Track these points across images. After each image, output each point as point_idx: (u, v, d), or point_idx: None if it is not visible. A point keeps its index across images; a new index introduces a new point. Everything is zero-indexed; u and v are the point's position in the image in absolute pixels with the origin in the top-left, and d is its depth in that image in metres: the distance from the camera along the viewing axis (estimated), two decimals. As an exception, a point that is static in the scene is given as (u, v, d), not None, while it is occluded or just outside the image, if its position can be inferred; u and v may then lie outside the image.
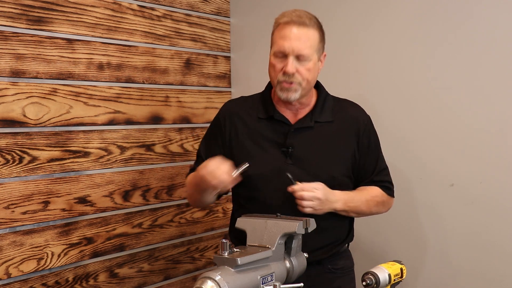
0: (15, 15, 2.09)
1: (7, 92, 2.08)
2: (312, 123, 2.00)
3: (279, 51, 1.90)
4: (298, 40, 1.88)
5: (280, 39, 1.90)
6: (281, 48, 1.89)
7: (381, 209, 2.10)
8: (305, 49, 1.88)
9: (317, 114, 2.01)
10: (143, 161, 2.58)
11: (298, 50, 1.88)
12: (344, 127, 2.02)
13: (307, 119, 2.00)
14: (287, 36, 1.88)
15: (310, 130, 2.00)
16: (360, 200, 2.01)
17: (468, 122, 2.37)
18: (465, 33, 2.37)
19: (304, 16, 1.91)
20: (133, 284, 2.56)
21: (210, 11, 2.88)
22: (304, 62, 1.90)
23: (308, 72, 1.92)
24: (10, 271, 2.11)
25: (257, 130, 2.01)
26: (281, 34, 1.90)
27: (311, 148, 1.98)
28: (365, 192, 2.04)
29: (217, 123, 2.09)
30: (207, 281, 1.50)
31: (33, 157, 2.17)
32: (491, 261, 2.35)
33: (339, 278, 2.05)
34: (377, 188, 2.07)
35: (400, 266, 1.71)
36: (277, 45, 1.91)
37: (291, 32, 1.88)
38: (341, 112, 2.05)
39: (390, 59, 2.55)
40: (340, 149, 2.01)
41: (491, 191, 2.33)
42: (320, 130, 2.00)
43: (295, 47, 1.88)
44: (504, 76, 2.29)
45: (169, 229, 2.70)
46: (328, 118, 2.02)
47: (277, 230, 1.71)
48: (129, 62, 2.50)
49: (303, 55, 1.89)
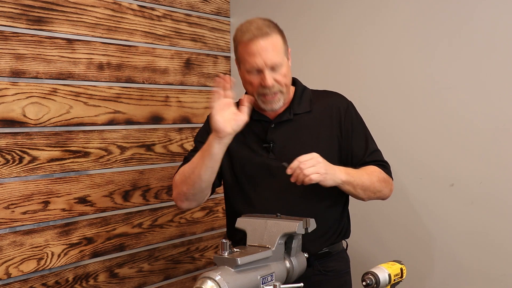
0: (15, 15, 2.09)
1: (7, 92, 2.08)
2: (291, 116, 2.02)
3: (252, 68, 1.93)
4: (267, 52, 1.90)
5: (249, 57, 1.92)
6: (253, 65, 1.91)
7: (384, 187, 2.01)
8: (276, 58, 1.91)
9: (295, 106, 2.04)
10: (143, 161, 2.58)
11: (271, 62, 1.91)
12: (324, 115, 2.03)
13: (285, 113, 2.03)
14: (256, 52, 1.90)
15: (290, 123, 2.02)
16: (360, 172, 1.96)
17: (468, 122, 2.37)
18: (465, 33, 2.37)
19: (262, 25, 1.92)
20: (133, 284, 2.56)
21: (210, 11, 2.88)
22: (278, 70, 1.93)
23: (284, 78, 1.95)
24: (10, 271, 2.11)
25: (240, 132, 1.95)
26: (248, 51, 1.91)
27: (292, 140, 2.01)
28: (362, 168, 1.99)
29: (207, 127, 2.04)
30: (207, 281, 1.50)
31: (33, 157, 2.17)
32: (491, 260, 2.35)
33: (328, 282, 2.01)
34: (373, 166, 2.02)
35: (400, 266, 1.71)
36: (248, 63, 1.92)
37: (258, 47, 1.90)
38: (320, 101, 2.06)
39: (390, 59, 2.55)
40: (322, 138, 2.01)
41: (491, 191, 2.33)
42: (299, 121, 2.02)
43: (267, 59, 1.90)
44: (504, 76, 2.29)
45: (169, 229, 2.70)
46: (307, 109, 2.03)
47: (277, 230, 1.71)
48: (129, 62, 2.50)
49: (276, 64, 1.92)
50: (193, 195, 1.96)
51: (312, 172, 1.80)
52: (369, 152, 2.05)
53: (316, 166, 1.81)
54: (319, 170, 1.82)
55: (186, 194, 1.96)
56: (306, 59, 2.70)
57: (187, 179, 1.94)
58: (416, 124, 2.49)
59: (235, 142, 1.99)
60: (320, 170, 1.82)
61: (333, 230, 2.04)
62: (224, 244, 1.58)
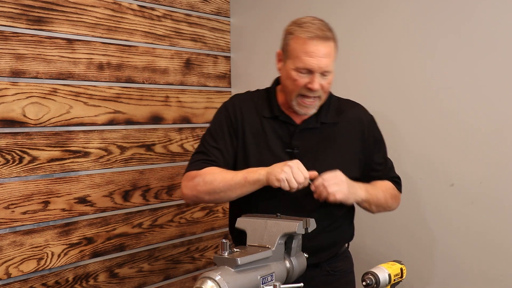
0: (15, 15, 2.09)
1: (7, 92, 2.08)
2: (318, 124, 1.98)
3: (304, 68, 1.85)
4: (325, 57, 1.84)
5: (305, 56, 1.84)
6: (307, 65, 1.84)
7: (394, 203, 2.09)
8: (330, 66, 1.86)
9: (323, 115, 1.98)
10: (143, 161, 2.58)
11: (326, 67, 1.85)
12: (348, 128, 2.01)
13: (312, 120, 1.98)
14: (314, 53, 1.83)
15: (316, 131, 1.98)
16: (377, 190, 2.00)
17: (468, 122, 2.37)
18: (464, 33, 2.37)
19: (324, 28, 1.86)
20: (133, 284, 2.56)
21: (210, 11, 2.88)
22: (326, 77, 1.88)
23: (329, 85, 1.91)
24: (10, 271, 2.11)
25: (261, 129, 1.97)
26: (305, 49, 1.83)
27: (316, 149, 1.96)
28: (378, 184, 2.04)
29: (226, 113, 2.01)
30: (207, 281, 1.50)
31: (33, 157, 2.17)
32: (491, 260, 2.35)
33: (337, 281, 2.03)
34: (388, 181, 2.08)
35: (400, 266, 1.71)
36: (302, 62, 1.84)
37: (317, 49, 1.83)
38: (345, 113, 2.03)
39: (389, 59, 2.55)
40: (345, 151, 1.99)
41: (491, 191, 2.33)
42: (325, 131, 1.98)
43: (323, 65, 1.84)
44: (504, 76, 2.29)
45: (169, 229, 2.70)
46: (334, 119, 2.00)
47: (277, 230, 1.71)
48: (129, 62, 2.50)
49: (328, 71, 1.87)
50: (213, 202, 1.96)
51: (336, 191, 1.82)
52: (388, 168, 2.10)
53: (340, 185, 1.83)
54: (343, 189, 1.83)
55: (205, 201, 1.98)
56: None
57: (215, 193, 1.89)
58: (416, 124, 2.49)
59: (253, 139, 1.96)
60: (343, 189, 1.84)
61: (344, 235, 2.07)
62: (224, 244, 1.58)
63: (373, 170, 2.05)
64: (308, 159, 1.93)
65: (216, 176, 1.89)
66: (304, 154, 1.95)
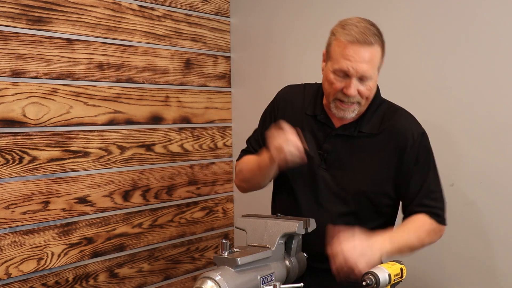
0: (15, 15, 2.09)
1: (7, 92, 2.08)
2: (355, 133, 1.89)
3: (340, 71, 1.79)
4: (363, 62, 1.77)
5: (342, 58, 1.77)
6: (344, 68, 1.78)
7: (433, 238, 1.90)
8: (368, 71, 1.78)
9: (364, 123, 1.89)
10: (143, 161, 2.58)
11: (364, 73, 1.78)
12: (389, 141, 1.88)
13: (351, 127, 1.90)
14: (352, 57, 1.76)
15: (351, 139, 1.89)
16: (406, 233, 1.83)
17: (468, 122, 2.37)
18: (465, 33, 2.37)
19: (368, 32, 1.78)
20: (133, 284, 2.56)
21: (210, 11, 2.88)
22: (365, 82, 1.81)
23: (369, 92, 1.83)
24: (10, 271, 2.11)
25: (301, 125, 1.89)
26: (344, 53, 1.77)
27: (347, 157, 1.89)
28: (409, 224, 1.86)
29: (272, 105, 2.04)
30: (207, 281, 1.50)
31: (33, 157, 2.17)
32: (491, 261, 2.35)
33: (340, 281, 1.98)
34: (421, 215, 1.87)
35: (400, 266, 1.71)
36: (338, 64, 1.78)
37: (355, 54, 1.76)
38: (390, 123, 1.90)
39: (389, 59, 2.54)
40: (379, 164, 1.88)
41: (491, 191, 2.33)
42: (361, 140, 1.89)
43: (359, 69, 1.77)
44: (504, 76, 2.29)
45: (169, 229, 2.70)
46: (373, 130, 1.89)
47: (277, 230, 1.71)
48: (129, 62, 2.50)
49: (367, 77, 1.80)
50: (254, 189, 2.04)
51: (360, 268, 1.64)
52: (425, 192, 1.88)
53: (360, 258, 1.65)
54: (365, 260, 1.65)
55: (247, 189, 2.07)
56: (306, 59, 2.70)
57: (248, 181, 2.01)
58: (416, 124, 2.49)
59: None
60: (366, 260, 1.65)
61: None
62: (224, 244, 1.59)
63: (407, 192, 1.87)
64: (336, 167, 1.89)
65: (244, 166, 2.01)
66: (333, 161, 1.89)
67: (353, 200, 1.89)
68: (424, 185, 1.88)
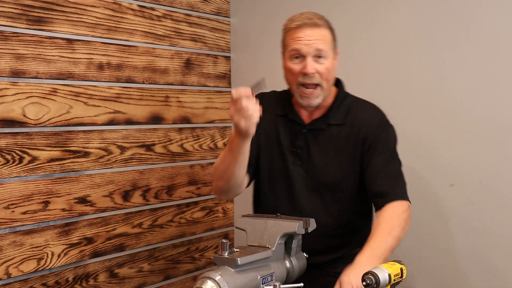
0: (15, 15, 2.09)
1: (7, 92, 2.08)
2: (324, 126, 1.97)
3: (295, 51, 1.88)
4: (314, 40, 1.87)
5: (294, 41, 1.88)
6: (297, 47, 1.87)
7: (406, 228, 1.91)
8: (321, 46, 1.87)
9: (331, 115, 1.97)
10: (143, 161, 2.58)
11: (315, 48, 1.86)
12: (353, 131, 1.96)
13: (320, 121, 1.98)
14: (303, 38, 1.87)
15: (322, 132, 1.97)
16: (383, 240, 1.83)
17: (468, 121, 2.37)
18: (466, 33, 2.37)
19: (314, 17, 1.90)
20: (133, 284, 2.56)
21: (210, 11, 2.88)
22: (322, 61, 1.88)
23: (327, 71, 1.90)
24: (10, 271, 2.11)
25: (274, 126, 2.01)
26: (295, 36, 1.88)
27: (319, 151, 1.96)
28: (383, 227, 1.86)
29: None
30: (207, 281, 1.50)
31: (33, 157, 2.17)
32: (491, 261, 2.35)
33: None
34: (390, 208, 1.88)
35: (400, 266, 1.71)
36: (292, 47, 1.88)
37: (304, 34, 1.87)
38: (354, 114, 1.98)
39: (389, 59, 2.55)
40: (348, 154, 1.95)
41: (491, 191, 2.33)
42: (330, 133, 1.97)
43: (312, 45, 1.86)
44: (504, 75, 2.29)
45: (169, 229, 2.70)
46: (339, 121, 1.97)
47: (277, 230, 1.71)
48: (129, 62, 2.50)
49: (321, 51, 1.86)
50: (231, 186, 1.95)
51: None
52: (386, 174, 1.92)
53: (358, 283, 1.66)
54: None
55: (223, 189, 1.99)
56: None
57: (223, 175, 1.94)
58: (415, 124, 2.49)
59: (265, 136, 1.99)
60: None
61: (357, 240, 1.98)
62: (224, 244, 1.59)
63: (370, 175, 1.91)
64: (309, 162, 1.95)
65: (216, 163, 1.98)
66: (306, 156, 1.96)
67: (328, 192, 1.95)
68: (385, 167, 1.93)
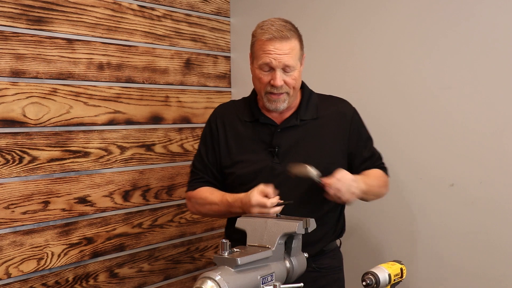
0: (15, 15, 2.09)
1: (7, 92, 2.08)
2: (297, 122, 2.05)
3: (265, 64, 1.95)
4: (283, 54, 1.94)
5: (264, 54, 1.95)
6: (267, 61, 1.95)
7: (385, 190, 2.14)
8: (290, 61, 1.95)
9: (302, 112, 2.06)
10: (143, 161, 2.58)
11: (284, 62, 1.94)
12: (330, 123, 2.07)
13: (292, 119, 2.05)
14: (272, 51, 1.94)
15: (296, 129, 2.05)
16: (371, 179, 2.05)
17: (468, 122, 2.37)
18: (463, 34, 2.36)
19: (283, 29, 1.95)
20: (133, 284, 2.56)
21: (210, 11, 2.88)
22: (290, 73, 1.96)
23: (294, 81, 1.99)
24: (10, 271, 2.11)
25: (243, 132, 2.07)
26: (265, 49, 1.95)
27: (297, 145, 2.03)
28: (371, 174, 2.08)
29: (209, 126, 2.15)
30: (207, 281, 1.50)
31: (33, 157, 2.17)
32: (491, 261, 2.34)
33: (323, 278, 2.06)
34: (378, 170, 2.12)
35: (400, 266, 1.71)
36: (262, 60, 1.96)
37: (275, 48, 1.94)
38: (326, 108, 2.10)
39: (389, 59, 2.55)
40: (328, 145, 2.05)
41: (491, 191, 2.33)
42: (306, 128, 2.05)
43: (281, 60, 1.94)
44: (504, 76, 2.29)
45: (169, 229, 2.70)
46: (313, 115, 2.07)
47: (277, 230, 1.71)
48: (129, 62, 2.50)
49: (289, 66, 1.95)
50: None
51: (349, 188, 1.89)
52: (376, 159, 2.14)
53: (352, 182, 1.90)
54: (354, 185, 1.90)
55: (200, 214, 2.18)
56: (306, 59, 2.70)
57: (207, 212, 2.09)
58: (415, 124, 2.49)
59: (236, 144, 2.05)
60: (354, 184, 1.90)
61: (332, 231, 2.09)
62: (224, 244, 1.58)
63: (363, 163, 2.11)
64: (292, 155, 2.01)
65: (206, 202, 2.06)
66: (286, 152, 2.02)
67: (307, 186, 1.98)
68: (372, 151, 2.14)
